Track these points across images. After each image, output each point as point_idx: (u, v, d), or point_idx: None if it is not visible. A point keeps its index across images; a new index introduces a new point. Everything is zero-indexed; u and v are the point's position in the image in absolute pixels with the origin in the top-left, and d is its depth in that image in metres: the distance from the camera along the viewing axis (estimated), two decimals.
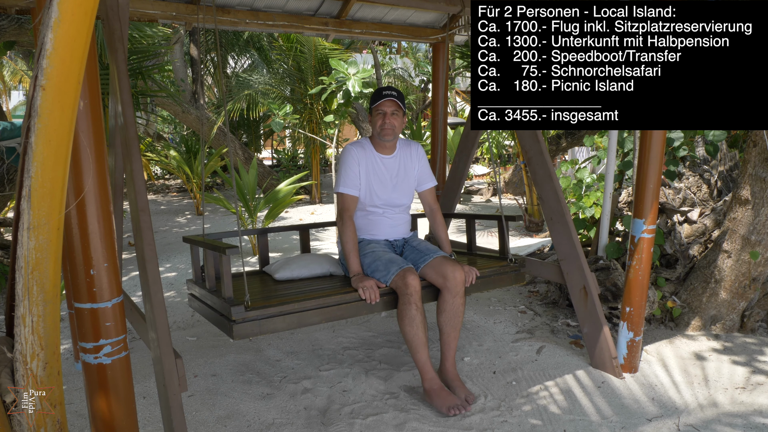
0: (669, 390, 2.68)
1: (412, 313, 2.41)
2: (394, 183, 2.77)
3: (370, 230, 2.79)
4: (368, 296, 2.42)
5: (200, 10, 3.01)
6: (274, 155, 13.25)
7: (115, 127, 2.46)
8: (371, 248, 2.70)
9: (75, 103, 1.21)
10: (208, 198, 5.65)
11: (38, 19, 1.13)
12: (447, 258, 2.62)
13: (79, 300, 1.62)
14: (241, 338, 2.24)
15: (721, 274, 3.22)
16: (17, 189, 1.21)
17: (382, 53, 12.79)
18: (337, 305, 2.41)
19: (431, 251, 2.67)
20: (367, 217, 2.78)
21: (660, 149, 2.66)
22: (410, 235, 2.93)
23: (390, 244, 2.82)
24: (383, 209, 2.78)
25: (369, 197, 2.74)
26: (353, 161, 2.69)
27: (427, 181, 2.90)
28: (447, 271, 2.52)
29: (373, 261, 2.59)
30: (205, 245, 2.50)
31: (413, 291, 2.41)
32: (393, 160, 2.79)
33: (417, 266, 2.63)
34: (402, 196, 2.81)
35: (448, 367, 2.61)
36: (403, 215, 2.87)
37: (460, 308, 2.55)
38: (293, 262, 2.84)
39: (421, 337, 2.43)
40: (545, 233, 6.35)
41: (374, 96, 2.66)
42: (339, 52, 8.44)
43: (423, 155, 2.89)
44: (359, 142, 2.77)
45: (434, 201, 2.93)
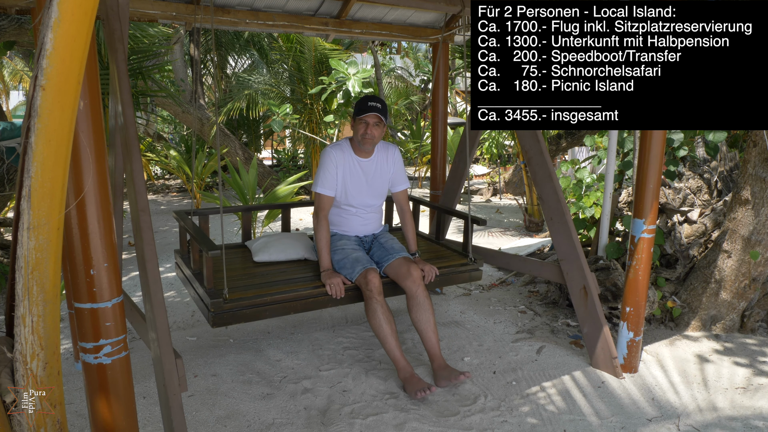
0: (669, 390, 2.68)
1: (374, 307, 2.66)
2: (369, 185, 2.95)
3: (343, 226, 3.02)
4: (334, 292, 2.69)
5: (200, 10, 3.01)
6: (274, 155, 13.25)
7: (115, 127, 2.46)
8: (342, 245, 2.92)
9: (75, 103, 1.21)
10: (208, 198, 5.65)
11: (38, 19, 1.13)
12: (407, 259, 2.85)
13: (79, 300, 1.62)
14: (219, 326, 2.50)
15: (721, 274, 3.22)
16: (17, 189, 1.21)
17: (382, 53, 12.80)
18: (306, 299, 2.67)
19: (395, 251, 2.89)
20: (341, 215, 3.00)
21: (660, 149, 2.66)
22: (380, 231, 3.14)
23: (360, 240, 3.04)
24: (356, 209, 2.98)
25: (344, 197, 2.92)
26: (332, 164, 2.85)
27: (401, 183, 3.08)
28: (406, 271, 2.77)
29: (342, 258, 2.83)
30: (192, 235, 2.69)
31: (373, 287, 2.66)
32: (369, 163, 2.95)
33: (381, 264, 2.87)
34: (375, 198, 3.00)
35: (434, 357, 2.74)
36: (374, 214, 3.09)
37: (425, 301, 2.73)
38: (272, 244, 3.07)
39: (385, 327, 2.65)
40: (545, 233, 6.35)
41: (359, 106, 2.79)
42: (339, 52, 8.43)
43: (399, 159, 3.06)
44: (339, 144, 2.92)
45: (405, 202, 3.13)
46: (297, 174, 5.98)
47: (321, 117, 8.91)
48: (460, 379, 2.62)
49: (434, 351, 2.73)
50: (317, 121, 9.06)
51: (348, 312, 3.73)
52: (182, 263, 3.00)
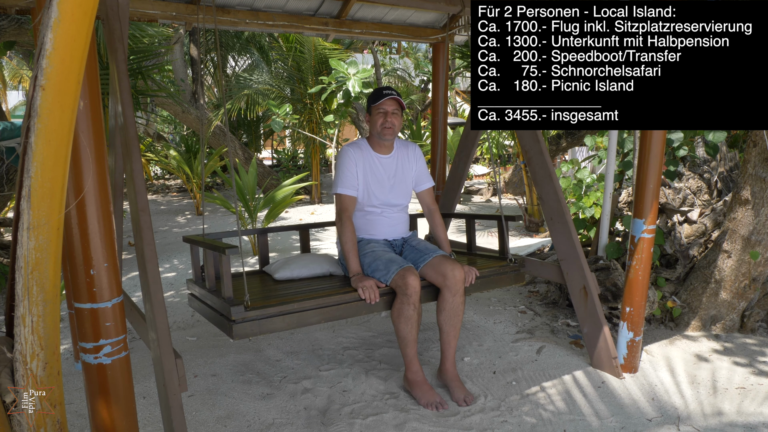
0: (669, 390, 2.68)
1: (409, 313, 2.43)
2: (391, 183, 2.78)
3: (369, 230, 2.79)
4: (368, 296, 2.43)
5: (200, 10, 3.01)
6: (274, 155, 13.25)
7: (115, 127, 2.46)
8: (371, 248, 2.70)
9: (75, 103, 1.21)
10: (208, 198, 5.65)
11: (38, 19, 1.13)
12: (446, 257, 2.62)
13: (79, 300, 1.62)
14: (241, 338, 2.24)
15: (721, 274, 3.22)
16: (17, 189, 1.21)
17: (382, 53, 12.79)
18: (337, 305, 2.41)
19: (431, 250, 2.67)
20: (366, 217, 2.79)
21: (660, 149, 2.66)
22: (409, 235, 2.93)
23: (389, 243, 2.82)
24: (381, 209, 2.78)
25: (367, 197, 2.74)
26: (350, 162, 2.69)
27: (425, 181, 2.91)
28: (447, 270, 2.52)
29: (373, 261, 2.60)
30: (205, 245, 2.50)
31: (413, 291, 2.41)
32: (390, 160, 2.80)
33: (417, 266, 2.63)
34: (399, 196, 2.81)
35: (448, 366, 2.62)
36: (401, 215, 2.88)
37: (460, 307, 2.55)
38: (293, 262, 2.84)
39: (413, 335, 2.49)
40: (545, 233, 6.35)
41: (374, 95, 2.66)
42: (339, 52, 8.43)
43: (420, 156, 2.90)
44: (356, 143, 2.78)
45: (432, 201, 2.94)
46: (297, 175, 5.98)
47: (321, 117, 8.91)
48: (470, 402, 2.52)
49: (451, 360, 2.62)
50: (317, 121, 9.05)
51: None
52: (197, 290, 2.67)
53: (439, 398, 2.49)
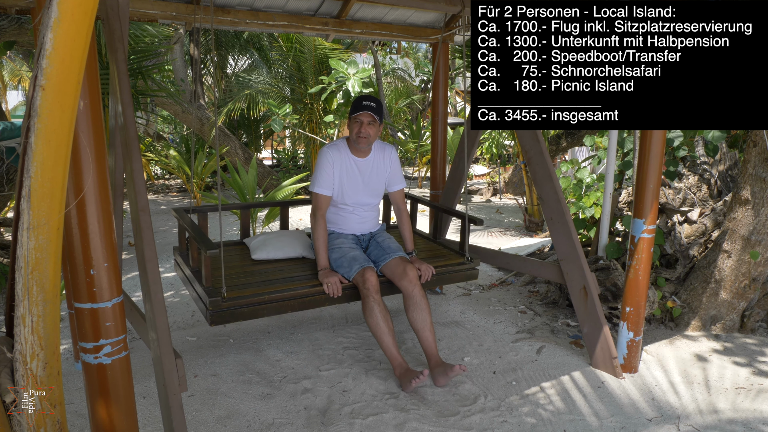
0: (669, 390, 2.68)
1: (371, 305, 2.67)
2: (365, 184, 2.96)
3: (340, 224, 3.03)
4: (331, 291, 2.70)
5: (200, 10, 3.01)
6: (274, 155, 13.25)
7: (115, 127, 2.46)
8: (339, 243, 2.94)
9: (75, 103, 1.21)
10: (208, 198, 5.65)
11: (38, 19, 1.13)
12: (404, 259, 2.86)
13: (79, 300, 1.62)
14: (217, 324, 2.52)
15: (721, 274, 3.22)
16: (17, 189, 1.21)
17: (382, 54, 12.79)
18: (303, 297, 2.69)
19: (392, 251, 2.90)
20: (338, 213, 3.01)
21: (660, 149, 2.66)
22: (377, 229, 3.16)
23: (357, 238, 3.06)
24: (353, 207, 2.99)
25: (341, 196, 2.93)
26: (328, 163, 2.87)
27: (397, 183, 3.09)
28: (402, 271, 2.78)
29: (339, 257, 2.85)
30: (191, 234, 2.70)
31: (371, 286, 2.68)
32: (366, 163, 2.96)
33: (378, 263, 2.89)
34: (371, 197, 3.01)
35: (430, 356, 2.74)
36: (371, 212, 3.10)
37: (422, 301, 2.74)
38: (270, 243, 3.09)
39: (382, 326, 2.67)
40: (545, 233, 6.35)
41: (354, 104, 2.81)
42: (339, 52, 8.43)
43: (395, 159, 3.07)
44: (336, 144, 2.93)
45: (402, 202, 3.13)
46: (297, 175, 5.98)
47: (321, 117, 8.91)
48: (455, 371, 2.60)
49: (431, 350, 2.74)
50: (317, 121, 9.05)
51: (348, 312, 3.73)
52: (181, 262, 3.03)
53: (415, 372, 2.60)
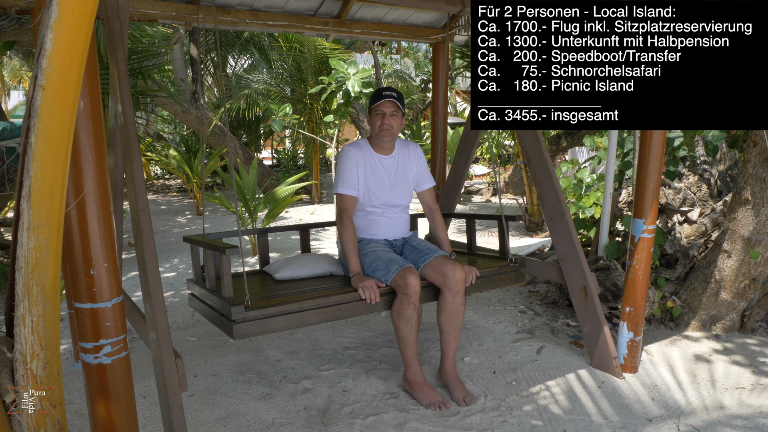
0: (669, 390, 2.68)
1: (409, 313, 2.43)
2: (392, 183, 2.78)
3: (370, 230, 2.79)
4: (368, 296, 2.42)
5: (200, 10, 3.01)
6: (274, 155, 13.25)
7: (115, 127, 2.46)
8: (371, 248, 2.69)
9: (75, 103, 1.21)
10: (208, 198, 5.65)
11: (38, 19, 1.13)
12: (447, 257, 2.62)
13: (79, 300, 1.62)
14: (241, 338, 2.24)
15: (721, 274, 3.22)
16: (17, 189, 1.21)
17: (382, 54, 12.79)
18: (337, 305, 2.42)
19: (431, 251, 2.67)
20: (366, 217, 2.79)
21: (660, 149, 2.66)
22: (410, 235, 2.93)
23: (389, 243, 2.82)
24: (382, 209, 2.78)
25: (368, 197, 2.74)
26: (351, 162, 2.69)
27: (426, 181, 2.91)
28: (447, 270, 2.52)
29: (373, 260, 2.60)
30: (206, 245, 2.50)
31: (413, 291, 2.41)
32: (391, 160, 2.79)
33: (417, 266, 2.63)
34: (400, 197, 2.81)
35: (448, 366, 2.62)
36: (401, 215, 2.88)
37: (461, 308, 2.55)
38: (293, 262, 2.84)
39: (413, 335, 2.49)
40: (545, 233, 6.35)
41: (374, 96, 2.66)
42: (339, 52, 8.43)
43: (421, 156, 2.90)
44: (357, 143, 2.78)
45: (433, 201, 2.94)
46: (297, 175, 5.97)
47: (321, 117, 8.91)
48: (469, 401, 2.53)
49: (451, 360, 2.62)
50: (317, 121, 9.06)
51: None
52: (197, 290, 2.67)
53: (440, 397, 2.49)
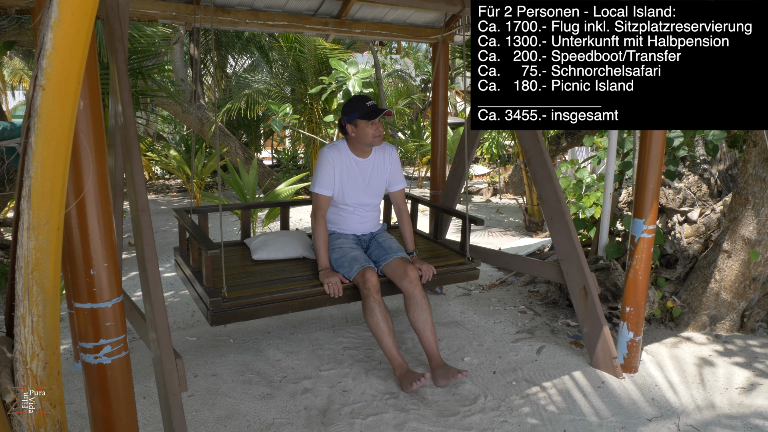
0: (669, 390, 2.68)
1: (371, 305, 2.67)
2: (366, 184, 2.95)
3: (340, 225, 3.03)
4: (332, 291, 2.69)
5: (200, 10, 3.01)
6: (274, 155, 13.25)
7: (115, 127, 2.46)
8: (340, 243, 2.93)
9: (75, 103, 1.21)
10: (208, 198, 5.65)
11: (38, 19, 1.13)
12: (404, 259, 2.85)
13: (79, 300, 1.62)
14: (218, 325, 2.51)
15: (721, 274, 3.22)
16: (17, 189, 1.21)
17: (383, 54, 12.79)
18: (304, 298, 2.68)
19: (392, 251, 2.90)
20: (339, 213, 3.01)
21: (660, 149, 2.66)
22: (378, 229, 3.15)
23: (358, 238, 3.05)
24: (353, 207, 2.98)
25: (341, 197, 2.92)
26: (328, 164, 2.85)
27: (398, 183, 3.08)
28: (403, 271, 2.77)
29: (339, 257, 2.85)
30: (191, 234, 2.70)
31: (371, 286, 2.67)
32: (367, 163, 2.95)
33: (379, 263, 2.88)
34: (372, 197, 3.01)
35: (431, 356, 2.74)
36: (371, 213, 3.09)
37: (422, 301, 2.74)
38: (270, 242, 3.10)
39: (382, 326, 2.67)
40: (545, 233, 6.35)
41: (361, 109, 2.76)
42: (339, 52, 8.43)
43: (396, 158, 3.05)
44: (336, 145, 2.92)
45: (402, 202, 3.12)
46: (298, 175, 5.98)
47: (321, 117, 8.91)
48: (457, 377, 2.62)
49: (432, 351, 2.74)
50: (317, 121, 9.05)
51: (348, 312, 3.73)
52: (182, 262, 3.02)
53: (417, 374, 2.60)
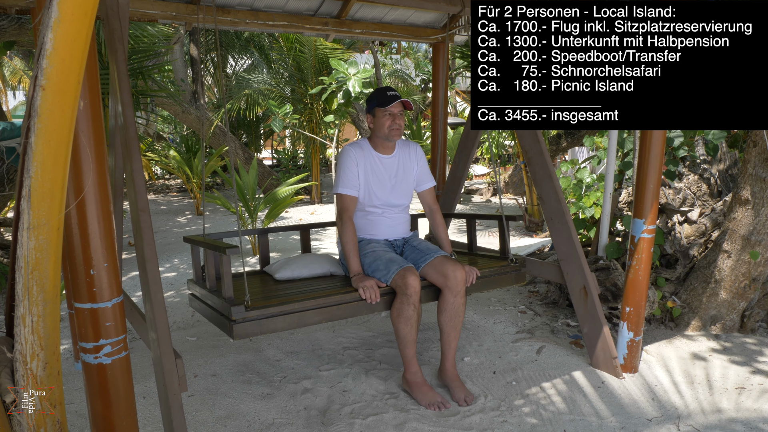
0: (669, 390, 2.68)
1: (409, 313, 2.43)
2: (392, 183, 2.77)
3: (370, 230, 2.79)
4: (369, 296, 2.43)
5: (200, 10, 3.01)
6: (274, 155, 13.25)
7: (115, 127, 2.46)
8: (371, 248, 2.69)
9: (75, 103, 1.21)
10: (208, 198, 5.65)
11: (38, 19, 1.13)
12: (448, 257, 2.62)
13: (79, 300, 1.62)
14: (242, 338, 2.24)
15: (721, 274, 3.22)
16: (17, 189, 1.21)
17: (383, 54, 12.79)
18: (338, 305, 2.42)
19: (432, 251, 2.67)
20: (367, 217, 2.78)
21: (660, 149, 2.66)
22: (410, 235, 2.92)
23: (390, 243, 2.82)
24: (382, 209, 2.78)
25: (368, 197, 2.74)
26: (352, 162, 2.69)
27: (426, 181, 2.90)
28: (448, 270, 2.52)
29: (373, 260, 2.60)
30: (206, 245, 2.51)
31: (413, 291, 2.41)
32: (392, 160, 2.79)
33: (417, 266, 2.63)
34: (400, 197, 2.81)
35: (448, 367, 2.62)
36: (402, 215, 2.87)
37: (461, 308, 2.55)
38: (293, 262, 2.84)
39: (413, 335, 2.49)
40: (545, 233, 6.35)
41: (378, 96, 2.66)
42: (339, 52, 8.43)
43: (422, 156, 2.89)
44: (357, 143, 2.78)
45: (434, 201, 2.93)
46: (298, 175, 5.98)
47: (321, 117, 8.91)
48: (470, 401, 2.53)
49: (451, 360, 2.62)
50: (317, 121, 9.06)
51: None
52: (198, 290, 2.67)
53: (440, 398, 2.49)
